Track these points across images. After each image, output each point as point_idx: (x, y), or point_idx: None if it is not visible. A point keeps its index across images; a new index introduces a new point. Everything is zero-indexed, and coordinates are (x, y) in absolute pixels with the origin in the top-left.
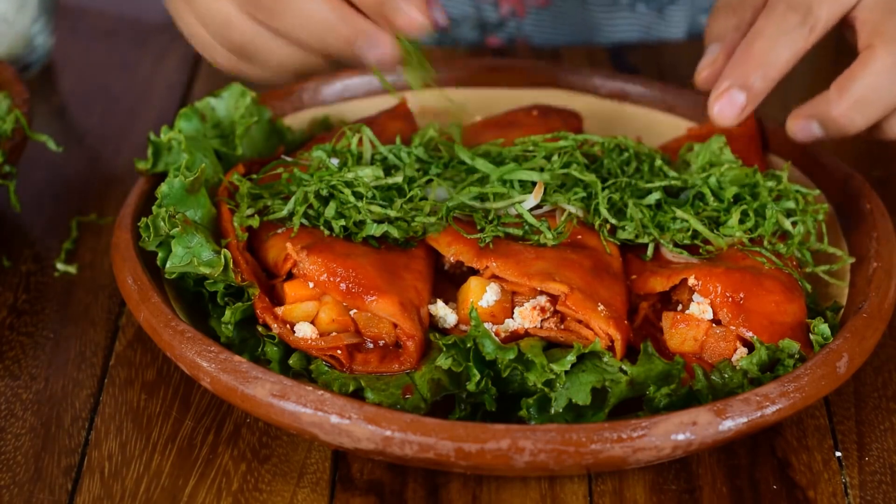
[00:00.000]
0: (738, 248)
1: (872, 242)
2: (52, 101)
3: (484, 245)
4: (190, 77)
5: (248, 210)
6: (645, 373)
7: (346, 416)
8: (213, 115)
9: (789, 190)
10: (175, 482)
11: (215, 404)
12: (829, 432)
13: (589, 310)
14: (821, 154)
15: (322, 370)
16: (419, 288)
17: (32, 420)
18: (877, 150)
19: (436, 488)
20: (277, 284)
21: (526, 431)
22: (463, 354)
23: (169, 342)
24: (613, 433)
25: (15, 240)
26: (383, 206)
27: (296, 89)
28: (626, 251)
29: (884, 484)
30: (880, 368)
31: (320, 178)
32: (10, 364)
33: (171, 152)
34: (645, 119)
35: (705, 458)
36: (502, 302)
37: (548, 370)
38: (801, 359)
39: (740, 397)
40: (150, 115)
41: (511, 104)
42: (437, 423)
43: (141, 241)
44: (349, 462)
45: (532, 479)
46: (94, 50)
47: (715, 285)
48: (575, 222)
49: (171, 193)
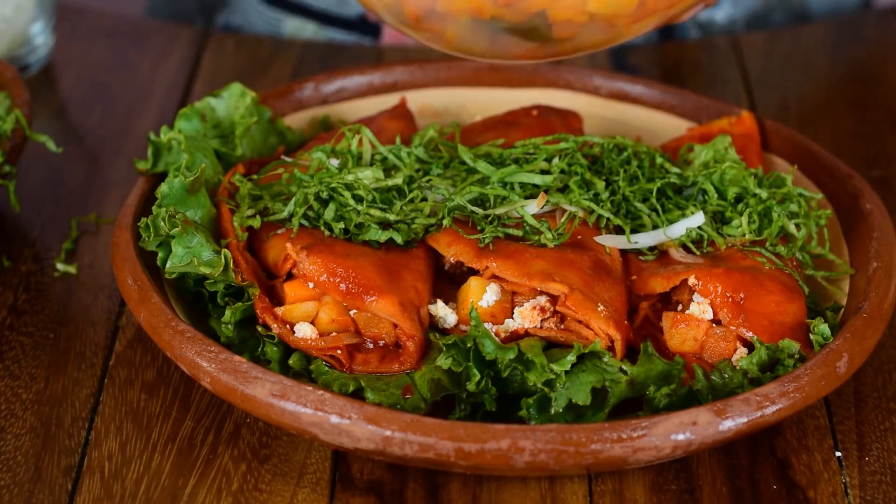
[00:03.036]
0: (738, 248)
1: (872, 242)
2: (52, 101)
3: (484, 245)
4: (190, 77)
5: (249, 210)
6: (645, 373)
7: (346, 416)
8: (213, 115)
9: (793, 193)
10: (175, 482)
11: (215, 404)
12: (829, 432)
13: (589, 310)
14: (821, 154)
15: (322, 370)
16: (419, 288)
17: (32, 420)
18: (877, 150)
19: (436, 488)
20: (277, 285)
21: (526, 431)
22: (463, 354)
23: (169, 342)
24: (613, 433)
25: (15, 240)
26: (383, 210)
27: (296, 89)
28: (626, 251)
29: (884, 484)
30: (880, 368)
31: (320, 180)
32: (10, 364)
33: (171, 152)
34: (645, 119)
35: (705, 458)
36: (502, 302)
37: (548, 370)
38: (801, 359)
39: (740, 397)
40: (150, 115)
41: (511, 104)
42: (437, 423)
43: (141, 241)
44: (349, 462)
45: (532, 479)
46: (94, 50)
47: (715, 285)
48: (576, 222)
49: (171, 193)
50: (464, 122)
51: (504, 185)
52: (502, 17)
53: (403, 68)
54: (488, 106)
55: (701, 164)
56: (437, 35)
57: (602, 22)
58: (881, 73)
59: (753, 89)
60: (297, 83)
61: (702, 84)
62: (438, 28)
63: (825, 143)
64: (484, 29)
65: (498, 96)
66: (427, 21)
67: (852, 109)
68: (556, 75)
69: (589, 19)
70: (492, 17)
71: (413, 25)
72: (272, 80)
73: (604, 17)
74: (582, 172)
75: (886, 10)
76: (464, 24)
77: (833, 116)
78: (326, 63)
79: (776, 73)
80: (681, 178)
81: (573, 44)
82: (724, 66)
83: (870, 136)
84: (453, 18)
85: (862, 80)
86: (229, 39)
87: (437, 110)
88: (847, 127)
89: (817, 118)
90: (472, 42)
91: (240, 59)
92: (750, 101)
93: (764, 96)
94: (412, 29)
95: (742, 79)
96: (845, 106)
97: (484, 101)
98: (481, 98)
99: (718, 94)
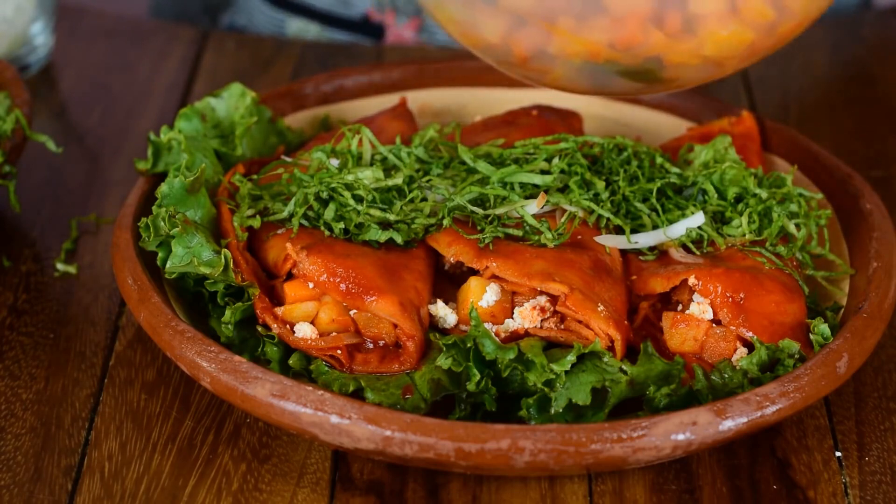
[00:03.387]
0: (738, 248)
1: (872, 242)
2: (52, 101)
3: (484, 245)
4: (190, 77)
5: (249, 210)
6: (645, 373)
7: (346, 416)
8: (213, 115)
9: (793, 193)
10: (175, 482)
11: (215, 404)
12: (829, 432)
13: (589, 310)
14: (821, 154)
15: (322, 370)
16: (419, 288)
17: (32, 420)
18: (877, 150)
19: (436, 488)
20: (277, 285)
21: (526, 431)
22: (463, 354)
23: (169, 342)
24: (613, 433)
25: (15, 240)
26: (383, 210)
27: (296, 89)
28: (626, 251)
29: (884, 484)
30: (880, 368)
31: (320, 180)
32: (10, 364)
33: (171, 152)
34: (645, 119)
35: (705, 458)
36: (502, 302)
37: (548, 370)
38: (801, 359)
39: (740, 397)
40: (150, 115)
41: (511, 104)
42: (437, 423)
43: (141, 241)
44: (349, 462)
45: (532, 479)
46: (94, 50)
47: (715, 285)
48: (576, 222)
49: (171, 193)
50: (464, 122)
51: (504, 185)
52: (617, 60)
53: (403, 68)
54: (488, 106)
55: (701, 164)
56: (540, 73)
57: (712, 63)
58: (881, 73)
59: (753, 89)
60: (297, 83)
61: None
62: (546, 68)
63: (825, 143)
64: (594, 70)
65: (498, 96)
66: (535, 62)
67: (852, 109)
68: None
69: (701, 61)
70: (606, 60)
71: (518, 65)
72: (272, 80)
73: (715, 59)
74: (582, 172)
75: (886, 10)
76: (574, 65)
77: (833, 116)
78: (327, 63)
79: (776, 73)
80: (681, 178)
81: (678, 82)
82: None
83: (870, 136)
84: (564, 60)
85: (862, 80)
86: (229, 39)
87: (437, 110)
88: (847, 127)
89: (817, 118)
90: (577, 81)
91: (240, 59)
92: (750, 101)
93: (764, 96)
94: (515, 67)
95: (742, 79)
96: (845, 106)
97: (484, 101)
98: (481, 98)
99: (718, 94)
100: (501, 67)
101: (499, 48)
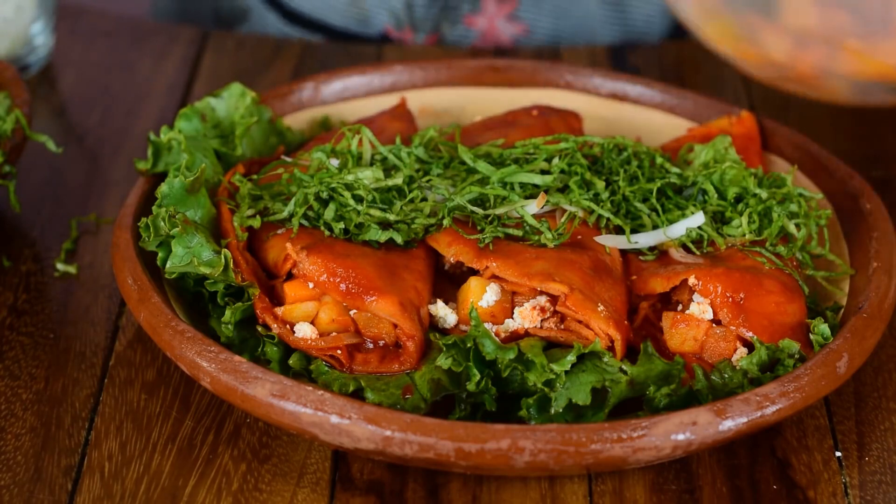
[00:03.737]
0: (738, 248)
1: (872, 242)
2: (52, 101)
3: (484, 245)
4: (190, 77)
5: (249, 210)
6: (645, 373)
7: (346, 416)
8: (213, 115)
9: (793, 193)
10: (175, 482)
11: (215, 404)
12: (829, 432)
13: (589, 310)
14: (821, 154)
15: (322, 370)
16: (419, 288)
17: (32, 420)
18: (877, 150)
19: (436, 488)
20: (277, 285)
21: (526, 431)
22: (463, 354)
23: (169, 342)
24: (613, 433)
25: (15, 240)
26: (383, 210)
27: (296, 89)
28: (626, 251)
29: (884, 484)
30: (880, 368)
31: (320, 180)
32: (10, 364)
33: (171, 152)
34: (645, 119)
35: (705, 458)
36: (502, 302)
37: (548, 370)
38: (801, 359)
39: (740, 397)
40: (150, 115)
41: (511, 104)
42: (437, 423)
43: (141, 241)
44: (349, 462)
45: (532, 479)
46: (94, 50)
47: (715, 285)
48: (576, 222)
49: (171, 193)
50: (464, 122)
51: (504, 185)
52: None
53: (403, 68)
54: (488, 106)
55: (701, 164)
56: (810, 86)
57: None
58: None
59: (753, 89)
60: (297, 83)
61: (702, 84)
62: (821, 84)
63: (825, 143)
64: (870, 87)
65: (498, 96)
66: (814, 79)
67: (852, 109)
68: (556, 75)
69: None
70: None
71: (793, 79)
72: (272, 80)
73: None
74: (582, 172)
75: None
76: (853, 82)
77: (833, 116)
78: (326, 63)
79: None
80: (681, 178)
81: None
82: (724, 65)
83: (870, 136)
84: (845, 78)
85: None
86: (229, 39)
87: (437, 110)
88: (847, 127)
89: (817, 118)
90: (842, 92)
91: (240, 59)
92: (750, 101)
93: (764, 96)
94: (787, 80)
95: (742, 79)
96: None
97: (484, 101)
98: (481, 98)
99: (718, 94)
100: (775, 79)
101: (784, 65)
